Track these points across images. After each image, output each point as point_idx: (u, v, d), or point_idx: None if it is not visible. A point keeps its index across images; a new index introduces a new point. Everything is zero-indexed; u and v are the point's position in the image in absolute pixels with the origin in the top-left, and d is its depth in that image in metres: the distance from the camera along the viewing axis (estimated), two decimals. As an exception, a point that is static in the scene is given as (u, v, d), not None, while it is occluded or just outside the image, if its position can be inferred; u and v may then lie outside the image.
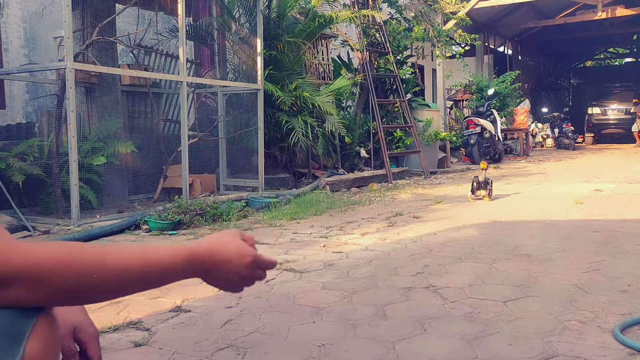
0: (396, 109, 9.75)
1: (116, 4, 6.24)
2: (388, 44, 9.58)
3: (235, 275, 0.89)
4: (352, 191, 7.15)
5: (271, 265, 0.93)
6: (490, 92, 12.79)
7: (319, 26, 7.84)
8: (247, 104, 7.15)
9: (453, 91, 15.19)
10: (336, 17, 7.83)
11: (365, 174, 8.17)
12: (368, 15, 9.17)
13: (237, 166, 7.32)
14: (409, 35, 10.05)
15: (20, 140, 5.59)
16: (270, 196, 6.05)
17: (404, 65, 10.48)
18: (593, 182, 7.65)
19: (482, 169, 6.02)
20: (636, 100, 18.30)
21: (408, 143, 9.39)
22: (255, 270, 0.91)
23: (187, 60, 6.73)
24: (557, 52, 24.03)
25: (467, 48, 11.77)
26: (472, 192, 6.06)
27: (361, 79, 9.18)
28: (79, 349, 1.03)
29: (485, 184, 6.01)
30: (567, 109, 20.66)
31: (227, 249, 0.88)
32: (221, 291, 2.87)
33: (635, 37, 23.93)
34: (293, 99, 7.15)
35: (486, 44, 17.82)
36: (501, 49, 20.49)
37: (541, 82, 23.07)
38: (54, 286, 0.74)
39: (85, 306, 1.07)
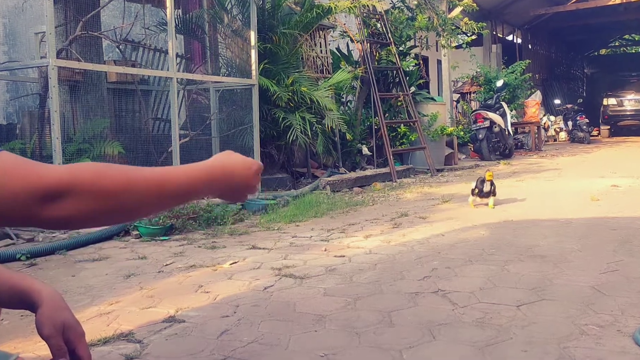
0: (399, 104, 9.75)
1: (100, -3, 6.24)
2: (390, 35, 9.58)
3: (244, 183, 1.01)
4: (354, 191, 7.15)
5: (261, 167, 1.07)
6: (499, 83, 12.78)
7: (317, 17, 7.83)
8: (241, 100, 7.15)
9: (460, 83, 15.18)
10: (335, 7, 7.82)
11: (368, 172, 8.17)
12: (368, 5, 9.17)
13: (232, 166, 7.31)
14: (412, 25, 10.05)
15: (1, 143, 5.60)
16: (267, 198, 6.06)
17: (407, 57, 10.46)
18: (610, 177, 7.65)
19: (487, 180, 5.52)
20: (654, 89, 18.30)
21: (413, 139, 9.39)
22: (258, 176, 1.05)
23: (177, 55, 6.73)
24: (570, 40, 24.02)
25: (473, 37, 11.76)
26: (473, 194, 5.65)
27: (362, 72, 9.18)
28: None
29: (489, 194, 5.58)
30: (581, 100, 20.62)
31: (236, 161, 1.01)
32: (217, 299, 2.88)
33: (652, 22, 23.93)
34: (290, 94, 7.14)
35: (494, 33, 17.81)
36: (510, 37, 20.48)
37: (553, 72, 23.06)
38: (100, 192, 0.82)
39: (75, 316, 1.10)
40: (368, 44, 9.25)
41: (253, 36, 6.71)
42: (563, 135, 17.46)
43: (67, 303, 1.10)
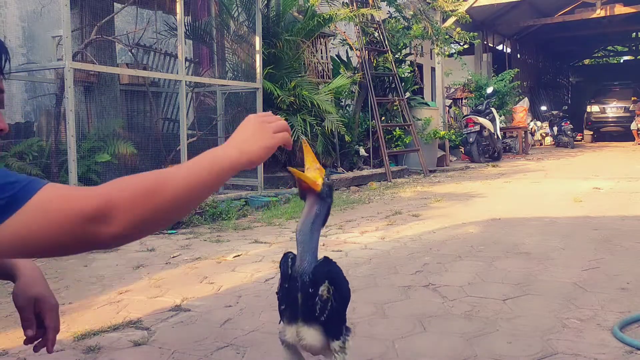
0: (395, 108, 9.74)
1: (115, 3, 6.22)
2: (387, 43, 9.57)
3: (255, 126, 1.00)
4: (351, 190, 7.15)
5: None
6: (489, 90, 12.78)
7: (318, 25, 7.82)
8: (246, 103, 7.14)
9: (452, 89, 15.18)
10: (335, 16, 7.81)
11: (365, 172, 8.16)
12: (367, 14, 9.15)
13: (236, 165, 7.30)
14: (407, 34, 10.03)
15: (19, 140, 5.58)
16: (269, 195, 6.05)
17: (403, 64, 10.45)
18: (592, 179, 7.65)
19: None
20: (635, 98, 18.29)
21: (407, 142, 9.38)
22: (268, 117, 1.03)
23: (186, 59, 6.72)
24: (556, 50, 24.01)
25: (465, 46, 11.74)
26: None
27: (360, 78, 9.17)
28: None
29: None
30: (566, 107, 20.63)
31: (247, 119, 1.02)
32: (220, 290, 2.87)
33: (634, 35, 23.93)
34: (292, 97, 7.14)
35: (485, 43, 17.78)
36: (500, 47, 20.46)
37: (540, 80, 23.05)
38: (147, 205, 0.80)
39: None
40: (366, 52, 9.23)
41: (258, 42, 6.69)
42: (549, 139, 17.46)
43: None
